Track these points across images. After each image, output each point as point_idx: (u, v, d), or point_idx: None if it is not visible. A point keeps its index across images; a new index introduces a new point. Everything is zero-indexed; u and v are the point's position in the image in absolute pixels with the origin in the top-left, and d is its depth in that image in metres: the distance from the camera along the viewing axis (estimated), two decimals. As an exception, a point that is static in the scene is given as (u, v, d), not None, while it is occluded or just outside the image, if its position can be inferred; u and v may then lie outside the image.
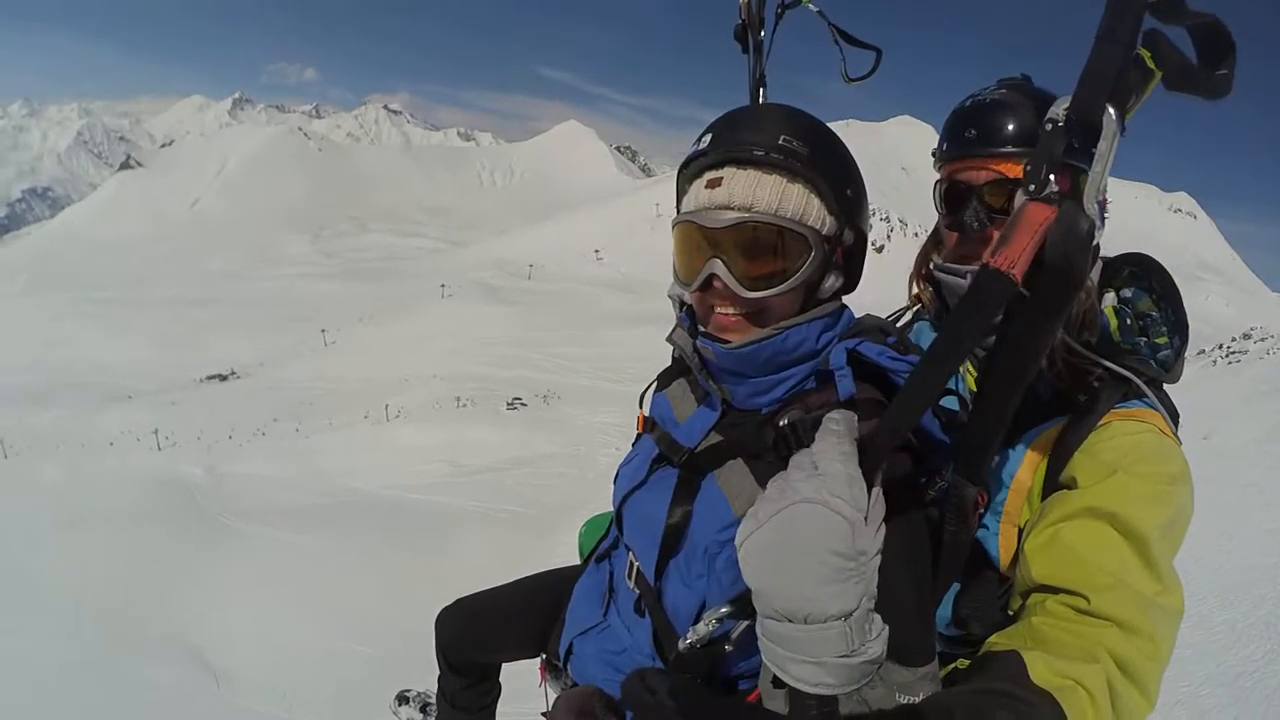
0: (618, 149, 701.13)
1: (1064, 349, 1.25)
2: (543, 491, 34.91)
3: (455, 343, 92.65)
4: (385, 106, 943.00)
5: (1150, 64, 0.77)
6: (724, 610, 1.07)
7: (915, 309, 1.62)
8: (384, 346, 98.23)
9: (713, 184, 1.11)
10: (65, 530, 13.58)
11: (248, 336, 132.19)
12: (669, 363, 1.43)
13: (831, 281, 1.18)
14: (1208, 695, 4.02)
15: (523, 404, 59.75)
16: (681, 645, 1.11)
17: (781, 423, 1.11)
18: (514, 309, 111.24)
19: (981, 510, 0.99)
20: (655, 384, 1.47)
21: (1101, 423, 1.20)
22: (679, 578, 1.19)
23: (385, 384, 74.26)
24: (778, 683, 0.87)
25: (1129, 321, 1.34)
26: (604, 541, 1.56)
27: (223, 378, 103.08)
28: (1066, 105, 0.76)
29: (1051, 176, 0.76)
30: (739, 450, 1.16)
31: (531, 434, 46.58)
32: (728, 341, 1.14)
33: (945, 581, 1.08)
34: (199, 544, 14.02)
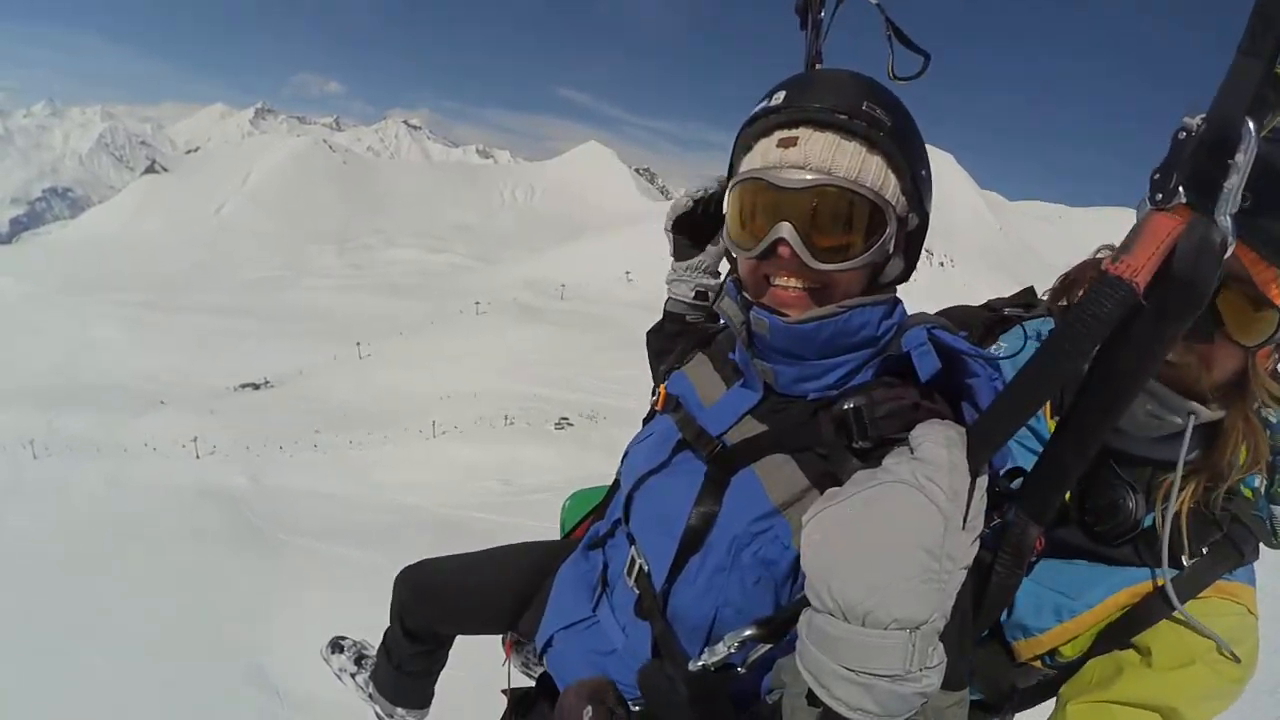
0: (636, 171, 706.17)
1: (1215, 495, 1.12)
2: (600, 514, 35.12)
3: (494, 360, 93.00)
4: (405, 122, 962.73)
5: None
6: (749, 632, 0.94)
7: (1023, 319, 1.41)
8: (421, 362, 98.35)
9: (786, 143, 1.00)
10: (111, 547, 13.18)
11: (281, 346, 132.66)
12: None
13: (894, 265, 1.08)
14: None
15: (570, 424, 59.11)
16: (693, 666, 0.98)
17: (847, 406, 0.98)
18: (550, 328, 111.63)
19: (1034, 559, 0.91)
20: (674, 361, 1.35)
21: (1202, 595, 1.09)
22: (693, 581, 1.07)
23: (426, 399, 74.15)
24: (813, 700, 0.79)
25: (1275, 488, 1.16)
26: (598, 524, 1.40)
27: (256, 386, 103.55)
28: (1201, 117, 0.72)
29: (1180, 188, 0.71)
30: (782, 445, 1.04)
31: (584, 454, 45.74)
32: (787, 316, 1.03)
33: (980, 626, 1.02)
34: (257, 562, 13.16)
